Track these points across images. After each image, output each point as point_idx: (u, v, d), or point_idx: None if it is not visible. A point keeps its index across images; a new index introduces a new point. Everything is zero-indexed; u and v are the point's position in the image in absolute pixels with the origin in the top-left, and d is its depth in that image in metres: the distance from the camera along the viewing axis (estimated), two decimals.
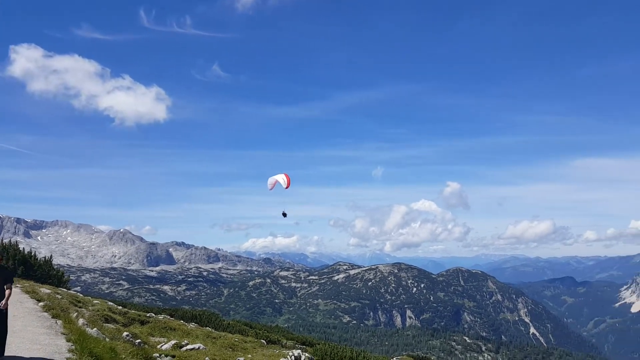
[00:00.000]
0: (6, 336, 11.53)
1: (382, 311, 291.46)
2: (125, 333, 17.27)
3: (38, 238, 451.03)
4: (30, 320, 16.30)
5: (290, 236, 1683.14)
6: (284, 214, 40.92)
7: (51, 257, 54.46)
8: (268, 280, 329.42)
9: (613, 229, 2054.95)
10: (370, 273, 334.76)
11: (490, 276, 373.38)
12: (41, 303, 20.86)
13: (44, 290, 28.11)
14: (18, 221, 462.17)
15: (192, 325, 33.05)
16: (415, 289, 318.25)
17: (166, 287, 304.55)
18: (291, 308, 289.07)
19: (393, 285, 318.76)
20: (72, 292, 34.59)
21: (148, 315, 29.36)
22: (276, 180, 36.87)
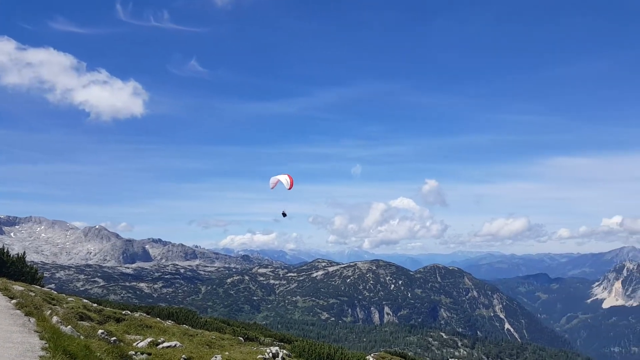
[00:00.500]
0: None
1: (361, 308, 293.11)
2: (100, 331, 17.10)
3: (11, 234, 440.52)
4: (2, 318, 16.01)
5: (269, 233, 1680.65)
6: (284, 214, 41.80)
7: (24, 254, 53.34)
8: (246, 277, 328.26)
9: (585, 227, 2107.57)
10: (348, 270, 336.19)
11: (466, 273, 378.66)
12: (14, 300, 20.48)
13: (17, 287, 27.57)
14: None
15: (169, 322, 32.83)
16: (393, 286, 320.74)
17: (142, 285, 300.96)
18: (269, 305, 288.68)
19: (371, 282, 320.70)
20: (46, 290, 33.98)
21: (124, 312, 29.06)
22: (278, 180, 37.30)
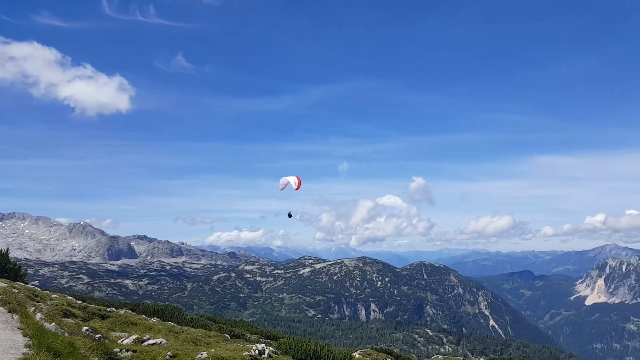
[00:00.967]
0: None
1: (347, 305, 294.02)
2: (84, 328, 16.98)
3: None
4: None
5: (255, 230, 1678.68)
6: (290, 215, 42.07)
7: (7, 250, 52.62)
8: (233, 274, 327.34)
9: (569, 225, 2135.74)
10: (335, 267, 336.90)
11: (452, 270, 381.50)
12: None
13: (0, 284, 27.25)
14: None
15: (154, 319, 32.66)
16: (379, 283, 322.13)
17: (128, 282, 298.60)
18: (256, 302, 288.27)
19: (358, 279, 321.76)
20: (30, 286, 33.58)
21: (109, 309, 28.84)
22: (288, 181, 38.02)
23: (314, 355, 26.48)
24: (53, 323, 15.66)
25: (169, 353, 17.56)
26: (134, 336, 19.17)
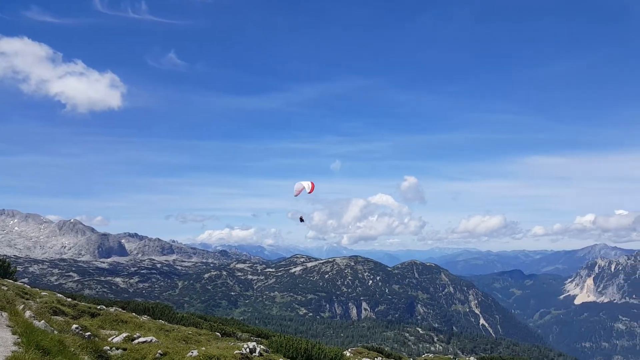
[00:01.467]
0: None
1: (339, 303, 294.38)
2: (74, 326, 16.88)
3: None
4: None
5: (247, 228, 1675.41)
6: (302, 219, 41.93)
7: None
8: (224, 272, 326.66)
9: (559, 225, 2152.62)
10: (327, 266, 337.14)
11: (443, 269, 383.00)
12: None
13: None
14: None
15: (145, 317, 32.54)
16: (371, 282, 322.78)
17: (118, 279, 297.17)
18: (247, 300, 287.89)
19: (349, 277, 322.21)
20: (19, 284, 33.33)
21: (99, 307, 28.69)
22: (303, 187, 38.09)
23: (305, 353, 26.51)
24: (42, 321, 15.56)
25: (160, 351, 17.50)
26: (124, 334, 19.09)
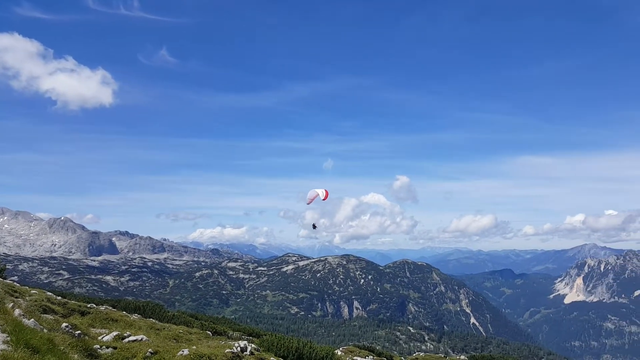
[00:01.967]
0: None
1: (330, 302, 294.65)
2: (64, 324, 16.77)
3: None
4: None
5: (239, 227, 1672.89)
6: (314, 226, 41.88)
7: None
8: (215, 271, 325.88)
9: (549, 224, 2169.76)
10: (319, 264, 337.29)
11: (434, 268, 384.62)
12: None
13: None
14: None
15: (135, 316, 32.39)
16: (362, 281, 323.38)
17: (109, 278, 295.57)
18: (239, 299, 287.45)
19: (341, 276, 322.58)
20: (8, 282, 33.04)
21: (89, 306, 28.51)
22: (317, 194, 38.10)
23: (297, 352, 26.49)
24: (32, 319, 15.44)
25: (150, 350, 17.43)
26: (115, 333, 18.99)
